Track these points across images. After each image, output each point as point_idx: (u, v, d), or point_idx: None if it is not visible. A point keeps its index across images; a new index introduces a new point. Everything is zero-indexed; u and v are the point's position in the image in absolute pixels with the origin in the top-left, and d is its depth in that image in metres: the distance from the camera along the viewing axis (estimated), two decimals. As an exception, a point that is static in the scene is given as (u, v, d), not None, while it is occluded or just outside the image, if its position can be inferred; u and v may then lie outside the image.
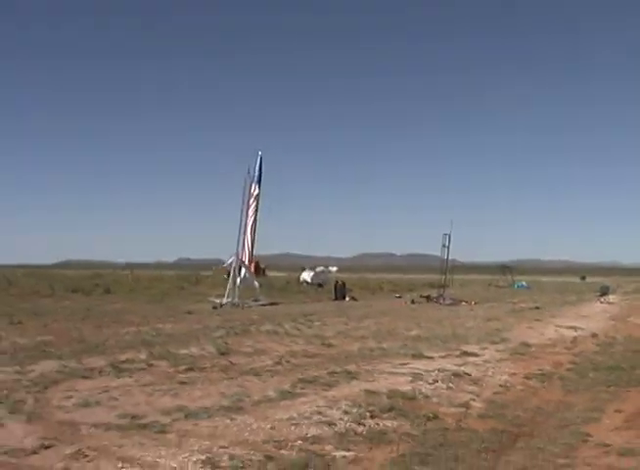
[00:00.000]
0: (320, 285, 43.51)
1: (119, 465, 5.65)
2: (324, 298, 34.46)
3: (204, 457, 5.90)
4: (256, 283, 29.22)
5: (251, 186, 27.37)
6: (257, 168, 27.50)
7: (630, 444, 6.87)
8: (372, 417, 7.62)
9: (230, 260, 28.66)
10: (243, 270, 27.71)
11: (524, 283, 59.45)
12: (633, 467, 6.08)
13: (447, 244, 34.78)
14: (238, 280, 27.21)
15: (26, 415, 7.32)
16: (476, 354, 12.72)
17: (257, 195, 27.54)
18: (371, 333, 16.34)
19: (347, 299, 33.57)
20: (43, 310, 22.26)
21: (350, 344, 14.15)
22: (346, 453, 6.34)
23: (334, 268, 52.92)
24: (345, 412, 7.72)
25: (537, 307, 27.12)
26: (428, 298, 33.42)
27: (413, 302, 31.81)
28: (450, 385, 9.79)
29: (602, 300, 34.98)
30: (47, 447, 6.14)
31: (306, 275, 46.54)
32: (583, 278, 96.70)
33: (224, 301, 25.96)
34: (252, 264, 31.97)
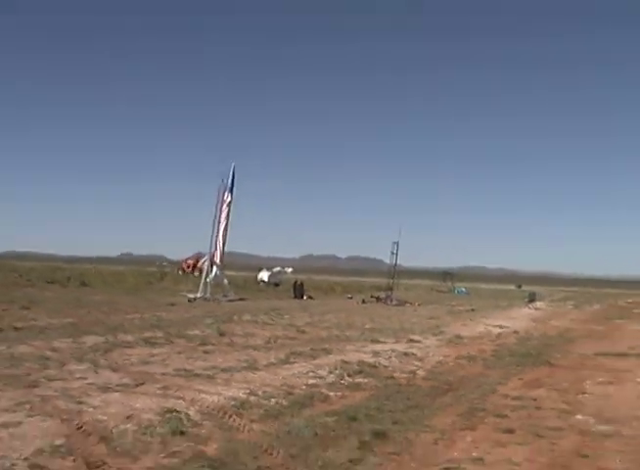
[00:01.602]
0: (276, 284, 46.81)
1: (197, 393, 8.88)
2: (283, 296, 37.72)
3: (246, 391, 9.18)
4: (226, 280, 32.30)
5: (224, 194, 30.49)
6: (230, 178, 30.65)
7: (521, 395, 10.42)
8: (348, 376, 11.03)
9: (203, 260, 31.76)
10: (214, 268, 30.81)
11: (463, 289, 63.71)
12: (520, 405, 9.60)
13: (395, 251, 38.40)
14: (210, 277, 30.31)
15: (108, 368, 10.46)
16: (419, 342, 16.22)
17: (230, 202, 30.68)
18: (333, 325, 19.71)
19: (305, 297, 36.94)
20: (38, 299, 24.80)
21: (319, 332, 17.49)
22: (336, 393, 9.73)
23: (289, 269, 56.23)
24: (330, 372, 11.12)
25: (472, 310, 30.98)
26: (377, 298, 37.11)
27: (364, 301, 35.46)
28: (401, 360, 13.27)
29: (529, 305, 39.16)
30: (141, 384, 9.32)
31: (264, 275, 49.72)
32: (519, 286, 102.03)
33: (198, 295, 28.99)
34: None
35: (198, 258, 64.87)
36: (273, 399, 8.92)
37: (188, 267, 64.34)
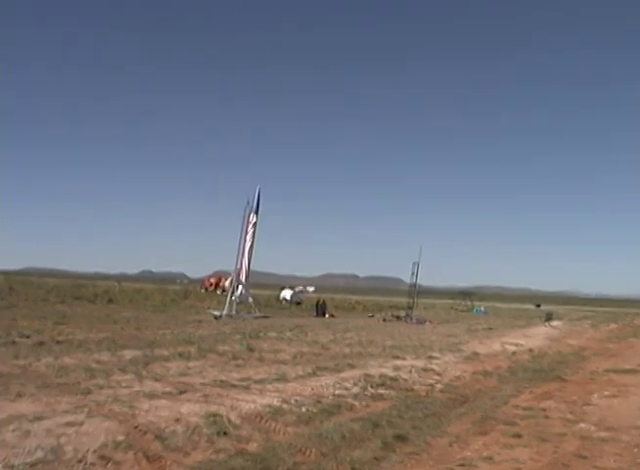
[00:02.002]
0: (298, 303, 47.75)
1: (235, 401, 9.80)
2: (305, 314, 38.61)
3: (279, 399, 10.09)
4: (250, 298, 33.28)
5: (249, 215, 31.55)
6: (256, 199, 31.75)
7: (531, 406, 11.26)
8: (371, 388, 11.91)
9: (230, 278, 32.78)
10: (239, 287, 31.80)
11: (482, 308, 64.24)
12: (529, 414, 10.43)
13: (416, 271, 39.20)
14: (235, 295, 31.31)
15: (151, 378, 11.40)
16: (438, 358, 17.04)
17: (255, 223, 31.74)
18: (356, 342, 20.56)
19: (327, 316, 37.81)
20: (69, 315, 25.90)
21: (342, 348, 18.34)
22: (361, 403, 10.63)
23: (311, 288, 57.22)
24: (354, 384, 12.00)
25: (490, 328, 31.69)
26: (397, 317, 37.91)
27: (384, 320, 36.29)
28: (420, 374, 14.10)
29: (546, 324, 39.76)
30: (183, 392, 10.25)
31: (286, 293, 50.70)
32: (538, 306, 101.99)
33: (224, 313, 29.97)
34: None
35: (220, 276, 66.18)
36: (304, 407, 9.83)
37: (210, 286, 65.68)
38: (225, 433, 8.04)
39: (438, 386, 13.11)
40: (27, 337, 16.24)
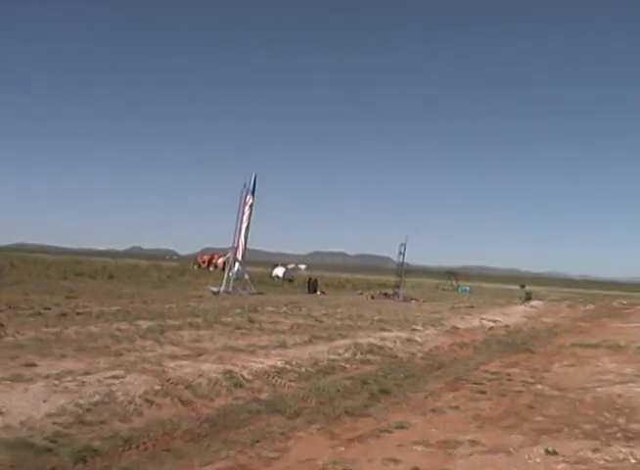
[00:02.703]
0: (290, 280, 49.57)
1: (245, 362, 11.53)
2: (297, 291, 40.41)
3: (282, 361, 11.85)
4: (247, 276, 35.00)
5: (246, 196, 33.18)
6: (252, 182, 33.35)
7: (498, 371, 13.09)
8: (360, 354, 13.70)
9: (227, 256, 34.50)
10: (236, 264, 33.52)
11: (467, 288, 66.34)
12: (495, 377, 12.24)
13: (403, 252, 41.01)
14: (232, 272, 33.03)
15: (169, 344, 13.12)
16: (420, 331, 18.85)
17: (251, 204, 33.38)
18: (346, 316, 22.35)
19: (319, 292, 39.63)
20: (75, 290, 27.50)
21: (334, 321, 20.12)
22: (351, 365, 12.43)
23: (303, 266, 59.11)
24: (345, 351, 13.76)
25: (472, 306, 33.59)
26: (385, 295, 39.82)
27: (373, 297, 38.18)
28: (404, 344, 15.92)
29: (525, 304, 41.79)
30: (200, 355, 11.97)
31: (279, 271, 52.48)
32: (523, 286, 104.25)
33: (221, 289, 31.67)
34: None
35: (213, 254, 67.86)
36: (303, 368, 11.61)
37: (203, 262, 67.35)
38: (240, 385, 9.82)
39: (419, 354, 14.94)
40: (49, 309, 17.85)
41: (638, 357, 16.56)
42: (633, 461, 6.94)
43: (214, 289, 31.73)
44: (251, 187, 33.24)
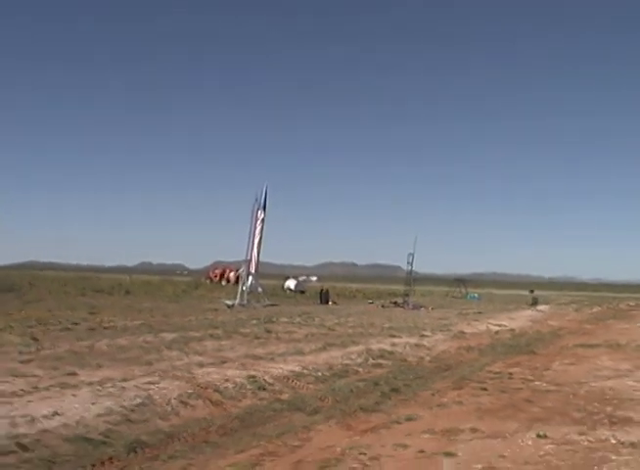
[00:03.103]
0: (302, 292, 50.54)
1: (266, 368, 12.55)
2: (310, 302, 41.42)
3: (300, 366, 12.86)
4: (260, 288, 36.02)
5: (257, 211, 34.25)
6: (263, 197, 34.44)
7: (501, 371, 14.05)
8: (372, 358, 14.72)
9: (241, 270, 35.57)
10: (250, 277, 34.56)
11: (475, 295, 67.11)
12: (497, 376, 13.22)
13: (411, 261, 41.99)
14: (246, 285, 34.09)
15: (194, 353, 14.13)
16: (429, 336, 19.84)
17: (263, 219, 34.44)
18: (358, 324, 23.35)
19: (330, 303, 40.63)
20: (96, 306, 28.54)
21: (346, 329, 21.12)
22: (364, 369, 13.44)
23: (314, 278, 60.11)
24: (358, 356, 14.78)
25: (479, 312, 34.50)
26: (395, 303, 40.79)
27: (383, 306, 39.17)
28: (413, 349, 16.92)
29: (532, 308, 42.66)
30: (224, 362, 12.97)
31: (290, 283, 53.43)
32: (532, 291, 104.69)
33: (236, 302, 32.70)
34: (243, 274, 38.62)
35: (225, 268, 68.88)
36: (319, 372, 12.63)
37: (215, 277, 68.31)
38: (264, 388, 10.85)
39: (427, 357, 15.93)
40: (77, 324, 18.91)
41: (635, 355, 17.52)
42: (614, 442, 7.91)
43: (229, 302, 32.72)
44: (262, 202, 34.32)
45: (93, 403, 8.80)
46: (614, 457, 7.25)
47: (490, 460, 7.04)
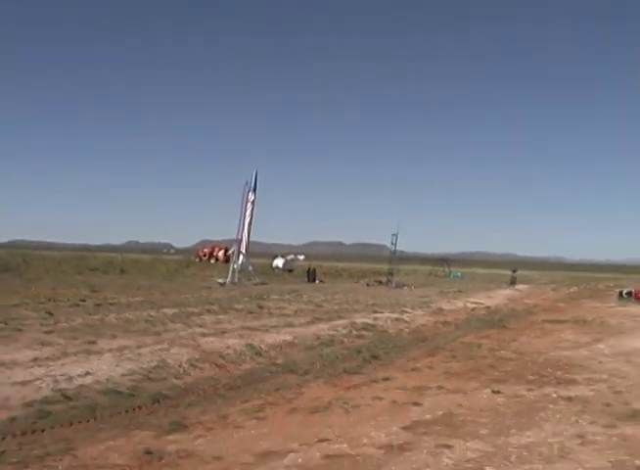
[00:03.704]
0: (290, 270, 52.15)
1: (261, 337, 14.11)
2: (297, 280, 42.96)
3: (291, 336, 14.44)
4: (251, 267, 37.50)
5: (248, 193, 35.67)
6: (254, 180, 35.83)
7: (471, 342, 15.71)
8: (356, 330, 16.32)
9: (231, 250, 37.04)
10: (240, 257, 36.03)
11: (458, 274, 68.93)
12: (467, 347, 14.85)
13: (394, 242, 43.54)
14: (237, 264, 35.56)
15: (196, 326, 15.65)
16: (409, 312, 21.47)
17: (253, 200, 35.87)
18: (343, 301, 24.94)
19: (317, 281, 42.21)
20: (95, 284, 29.89)
21: (333, 306, 22.70)
22: (348, 339, 15.06)
23: (302, 257, 61.76)
24: (343, 328, 16.38)
25: (460, 291, 36.18)
26: (379, 282, 42.44)
27: (368, 284, 40.80)
28: (393, 323, 18.53)
29: (510, 287, 44.49)
30: (224, 333, 14.50)
31: (279, 262, 55.02)
32: (514, 271, 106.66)
33: (227, 280, 34.17)
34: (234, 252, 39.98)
35: (213, 246, 70.34)
36: (309, 341, 14.22)
37: (204, 255, 69.82)
38: (260, 354, 12.44)
39: (406, 330, 17.56)
40: (84, 301, 20.35)
41: (597, 330, 19.24)
42: (555, 396, 9.56)
43: (221, 280, 34.17)
44: (253, 184, 35.71)
45: (117, 366, 10.34)
46: (551, 406, 8.90)
47: (450, 408, 8.66)
